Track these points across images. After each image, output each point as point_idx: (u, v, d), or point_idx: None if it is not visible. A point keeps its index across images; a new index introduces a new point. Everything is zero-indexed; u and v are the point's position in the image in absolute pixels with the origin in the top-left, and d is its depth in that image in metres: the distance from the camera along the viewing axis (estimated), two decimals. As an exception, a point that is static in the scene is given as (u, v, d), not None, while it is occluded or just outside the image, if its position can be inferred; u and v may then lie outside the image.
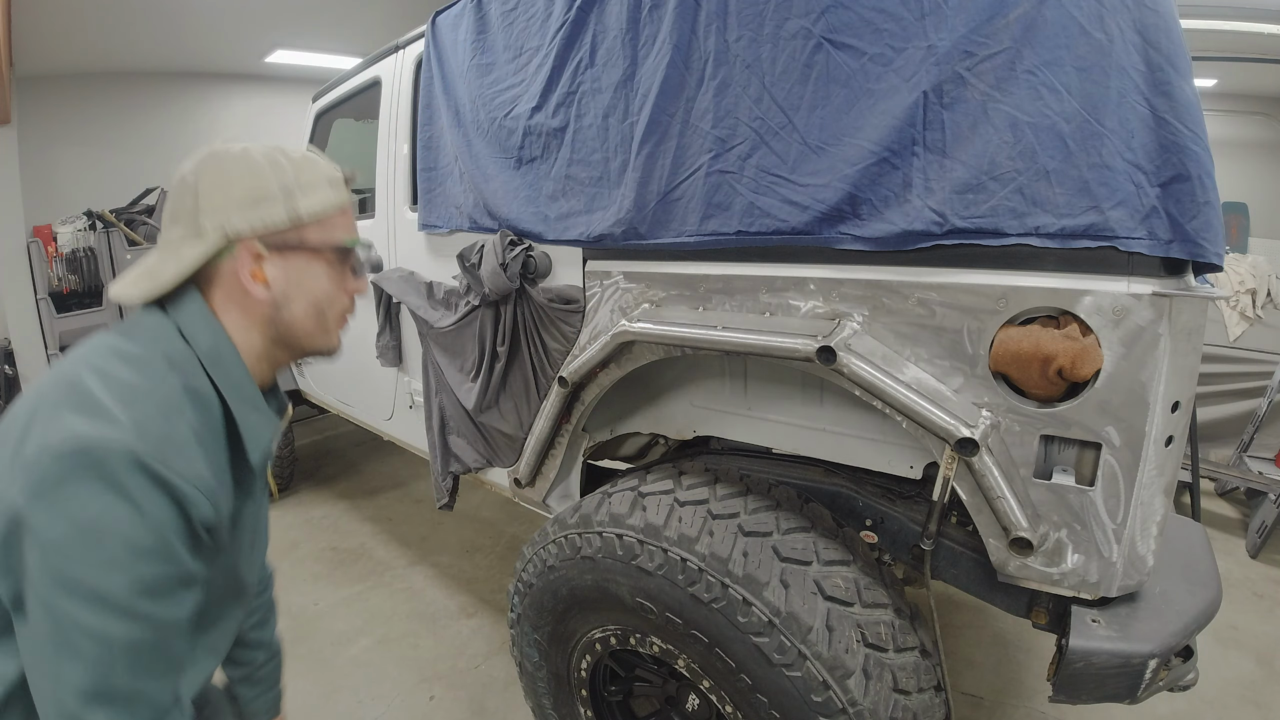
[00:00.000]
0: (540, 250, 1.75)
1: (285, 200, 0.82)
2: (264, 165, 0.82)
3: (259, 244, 0.82)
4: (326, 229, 0.86)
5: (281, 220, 0.82)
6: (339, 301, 0.91)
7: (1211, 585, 1.29)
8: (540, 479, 1.92)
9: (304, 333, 0.89)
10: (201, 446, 0.76)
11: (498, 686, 2.34)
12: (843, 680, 1.17)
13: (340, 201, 0.88)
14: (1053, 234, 1.00)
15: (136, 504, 0.67)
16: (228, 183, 0.80)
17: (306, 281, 0.86)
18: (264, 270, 0.83)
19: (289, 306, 0.86)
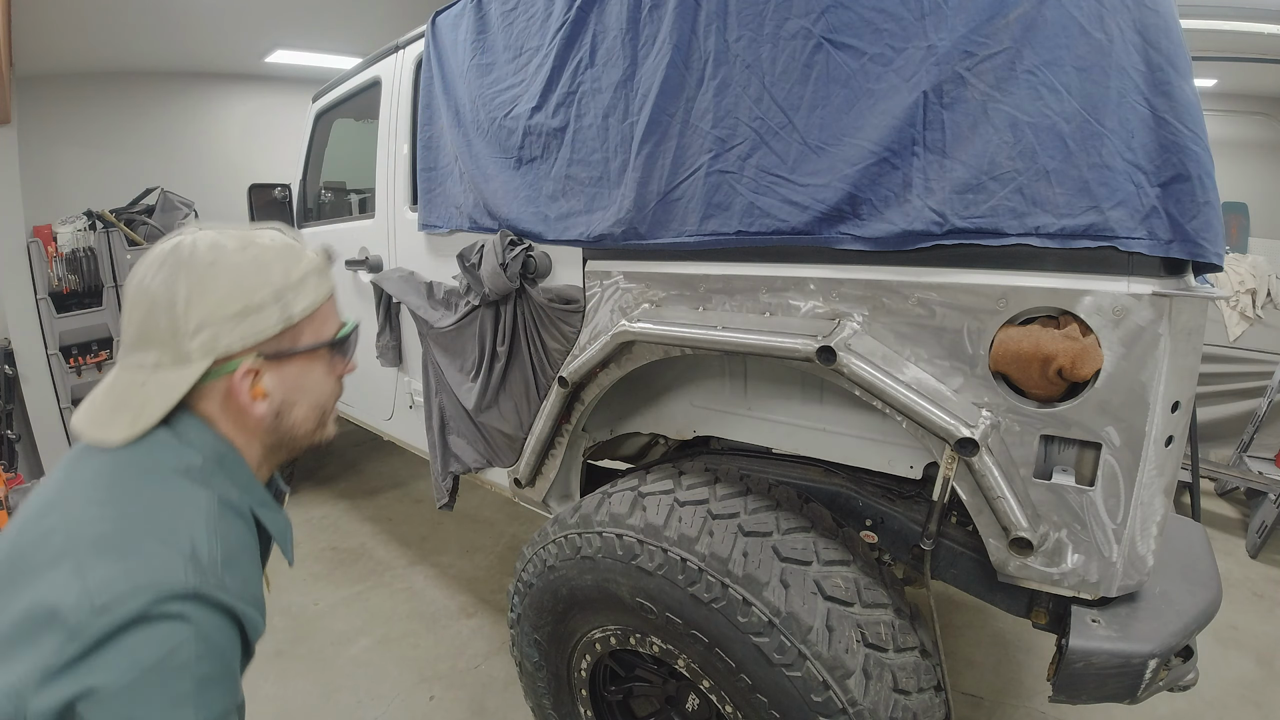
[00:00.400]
0: (540, 250, 1.75)
1: (278, 306, 0.75)
2: (248, 269, 0.73)
3: (256, 360, 0.75)
4: (319, 325, 0.81)
5: (275, 328, 0.75)
6: (335, 392, 0.87)
7: (1211, 585, 1.29)
8: (540, 479, 1.92)
9: (304, 433, 0.85)
10: (248, 554, 0.74)
11: (498, 686, 2.34)
12: (843, 680, 1.17)
13: (328, 290, 0.82)
14: (1053, 234, 1.00)
15: (201, 636, 0.64)
16: (210, 297, 0.71)
17: (305, 384, 0.81)
18: (262, 385, 0.77)
19: (290, 413, 0.81)
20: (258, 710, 2.31)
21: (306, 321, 0.78)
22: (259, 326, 0.74)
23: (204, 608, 0.65)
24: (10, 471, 3.78)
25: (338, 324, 0.85)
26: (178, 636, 0.63)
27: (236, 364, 0.74)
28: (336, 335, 0.83)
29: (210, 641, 0.65)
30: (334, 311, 0.85)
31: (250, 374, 0.75)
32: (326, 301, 0.82)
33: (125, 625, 0.61)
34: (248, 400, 0.76)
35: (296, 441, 0.84)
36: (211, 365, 0.73)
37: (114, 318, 4.29)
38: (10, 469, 3.88)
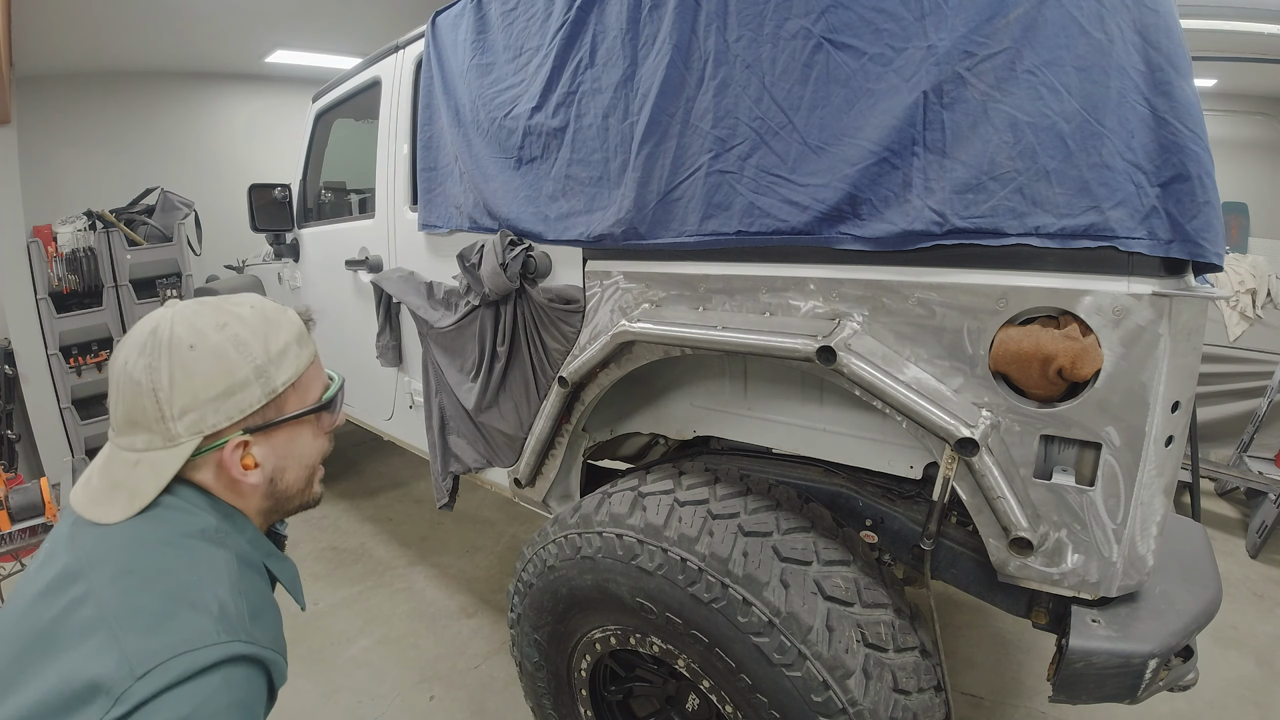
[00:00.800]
0: (540, 250, 1.75)
1: (261, 382, 0.77)
2: (228, 349, 0.75)
3: (241, 432, 0.77)
4: (303, 391, 0.82)
5: (259, 402, 0.77)
6: (321, 451, 0.89)
7: (1211, 585, 1.29)
8: (540, 479, 1.92)
9: (297, 493, 0.87)
10: (270, 606, 0.77)
11: (498, 686, 2.34)
12: (843, 680, 1.17)
13: (312, 354, 0.83)
14: (1053, 234, 1.00)
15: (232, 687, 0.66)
16: (193, 381, 0.73)
17: (294, 449, 0.84)
18: (252, 457, 0.79)
19: (283, 478, 0.83)
20: (258, 710, 2.31)
21: (291, 390, 0.80)
22: (243, 403, 0.76)
23: (236, 663, 0.67)
24: (10, 471, 3.78)
25: (323, 385, 0.86)
26: (210, 691, 0.65)
27: (225, 440, 0.77)
28: (322, 398, 0.85)
29: (241, 691, 0.67)
30: (318, 374, 0.86)
31: (240, 447, 0.78)
32: (310, 367, 0.83)
33: (167, 688, 0.63)
34: (240, 472, 0.78)
35: (290, 502, 0.87)
36: (200, 444, 0.75)
37: (114, 318, 4.28)
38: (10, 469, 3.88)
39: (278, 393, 0.78)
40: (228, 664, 0.66)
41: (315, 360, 0.86)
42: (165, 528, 0.73)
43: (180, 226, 4.54)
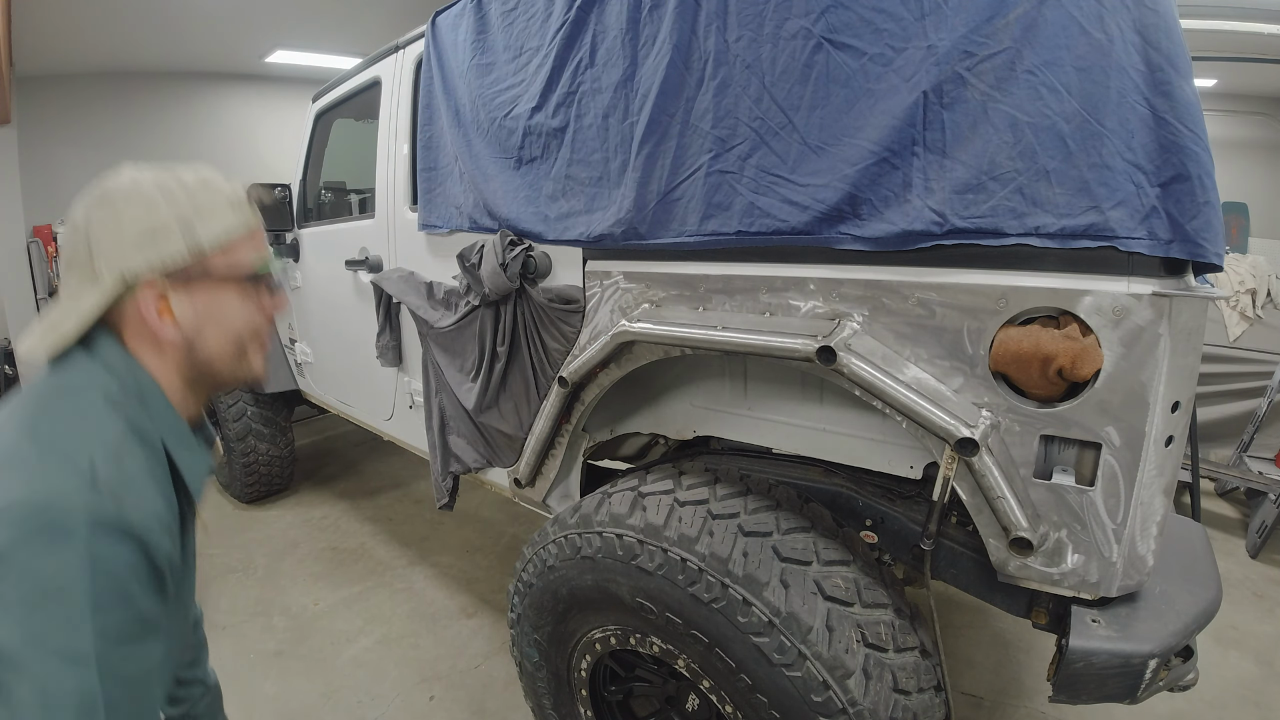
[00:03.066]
0: (540, 250, 1.75)
1: (183, 232, 0.77)
2: (156, 196, 0.77)
3: (162, 282, 0.77)
4: (232, 256, 0.82)
5: (182, 254, 0.77)
6: (253, 324, 0.87)
7: (1211, 585, 1.29)
8: (540, 479, 1.92)
9: (224, 366, 0.85)
10: (155, 482, 0.75)
11: (498, 686, 2.34)
12: (843, 680, 1.17)
13: (244, 224, 0.83)
14: (1053, 234, 1.00)
15: (96, 559, 0.65)
16: (118, 221, 0.75)
17: (218, 314, 0.82)
18: (172, 308, 0.78)
19: (204, 342, 0.82)
20: (258, 710, 2.31)
21: (220, 253, 0.81)
22: (165, 252, 0.77)
23: (100, 528, 0.66)
24: (10, 471, 3.78)
25: (258, 261, 0.85)
26: (73, 558, 0.64)
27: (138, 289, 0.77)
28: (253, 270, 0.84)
29: (105, 562, 0.66)
30: (255, 247, 0.86)
31: (157, 296, 0.78)
32: (243, 236, 0.83)
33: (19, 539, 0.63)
34: (156, 321, 0.78)
35: (217, 374, 0.85)
36: (122, 289, 0.76)
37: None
38: (10, 469, 3.88)
39: (202, 250, 0.79)
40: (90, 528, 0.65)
41: (253, 234, 0.85)
42: (68, 382, 0.75)
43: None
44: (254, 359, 0.90)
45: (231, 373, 0.87)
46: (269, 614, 2.88)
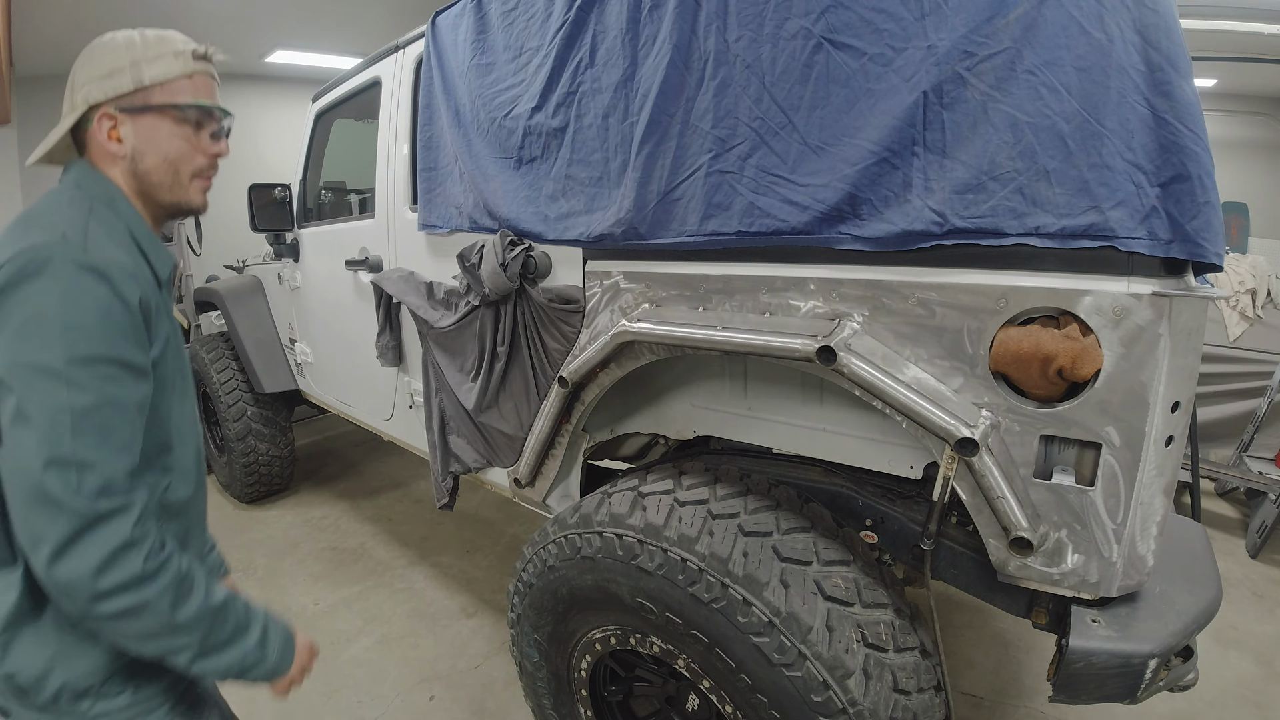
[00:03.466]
0: (540, 250, 1.75)
1: (132, 71, 0.95)
2: (120, 45, 0.96)
3: (111, 108, 0.95)
4: (170, 92, 0.97)
5: (128, 87, 0.95)
6: (193, 160, 1.02)
7: (1211, 585, 1.29)
8: (540, 479, 1.92)
9: (160, 185, 1.00)
10: (118, 244, 0.90)
11: (498, 686, 2.34)
12: (843, 680, 1.17)
13: (184, 69, 0.98)
14: (1053, 234, 1.00)
15: (66, 289, 0.80)
16: (90, 63, 0.97)
17: (156, 139, 0.98)
18: (118, 130, 0.96)
19: (143, 160, 0.98)
20: (258, 710, 2.31)
21: (158, 88, 0.97)
22: (117, 86, 0.95)
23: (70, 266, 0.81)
24: (10, 471, 3.78)
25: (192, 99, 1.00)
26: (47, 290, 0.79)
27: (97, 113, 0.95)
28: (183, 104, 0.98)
29: (74, 294, 0.80)
30: (194, 89, 1.00)
31: (106, 118, 0.95)
32: (182, 78, 0.98)
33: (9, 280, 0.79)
34: (104, 139, 0.96)
35: (156, 192, 1.01)
36: (86, 111, 0.95)
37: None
38: (10, 469, 3.88)
39: (144, 84, 0.95)
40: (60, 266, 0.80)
41: (197, 79, 1.00)
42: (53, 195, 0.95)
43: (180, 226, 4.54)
44: (191, 189, 1.04)
45: (169, 194, 1.02)
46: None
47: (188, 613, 0.86)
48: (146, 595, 0.82)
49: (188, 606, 0.86)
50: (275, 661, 0.98)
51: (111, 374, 0.82)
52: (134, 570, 0.80)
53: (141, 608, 0.82)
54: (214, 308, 4.08)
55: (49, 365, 0.78)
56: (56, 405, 0.78)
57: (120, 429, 0.83)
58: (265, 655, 0.97)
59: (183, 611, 0.85)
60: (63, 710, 0.91)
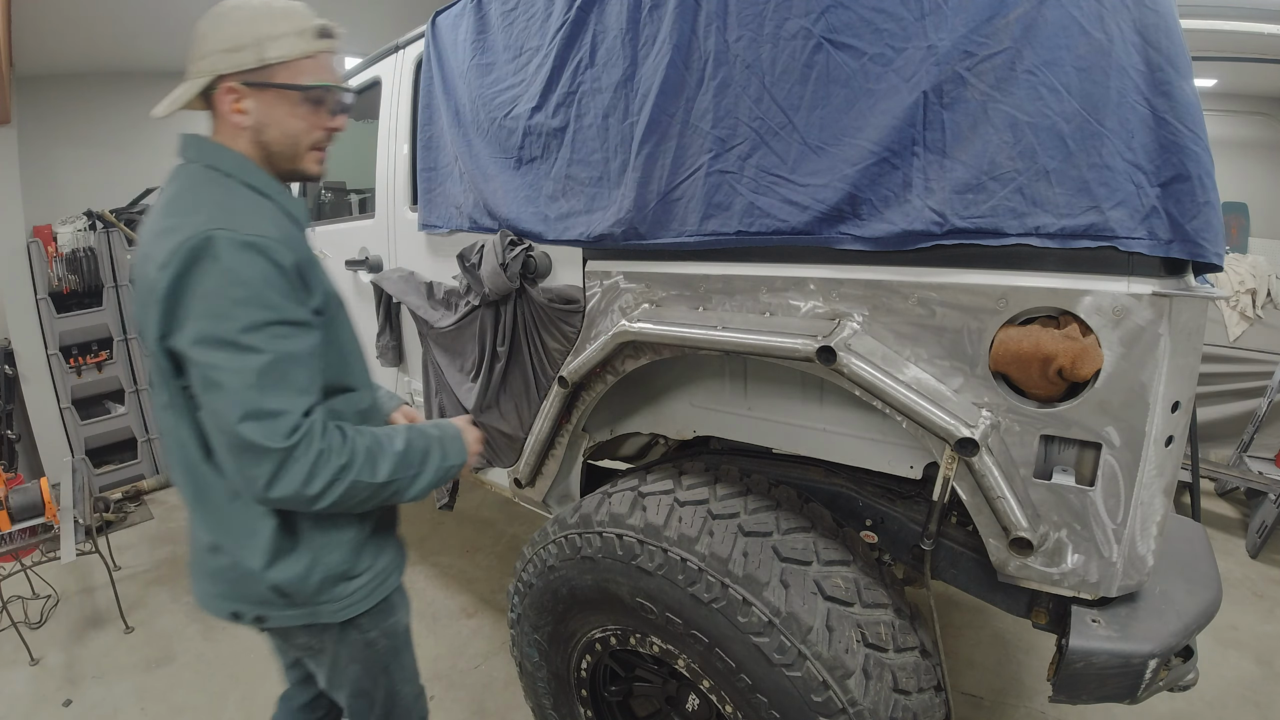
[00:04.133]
0: (540, 250, 1.75)
1: (256, 48, 1.00)
2: (245, 18, 1.01)
3: (236, 82, 1.02)
4: (293, 72, 1.04)
5: (251, 64, 1.01)
6: (311, 134, 1.10)
7: (1211, 585, 1.29)
8: (540, 479, 1.92)
9: (281, 155, 1.09)
10: (267, 217, 1.00)
11: (498, 686, 2.34)
12: (843, 680, 1.17)
13: (306, 49, 1.04)
14: (1053, 234, 1.00)
15: (229, 268, 0.91)
16: (217, 32, 1.01)
17: (277, 114, 1.05)
18: (241, 104, 1.03)
19: (266, 132, 1.06)
20: (258, 711, 2.31)
21: (282, 67, 1.02)
22: (240, 61, 1.00)
23: (228, 246, 0.91)
24: (10, 471, 3.78)
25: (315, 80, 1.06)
26: (213, 271, 0.91)
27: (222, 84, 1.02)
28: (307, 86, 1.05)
29: (237, 272, 0.91)
30: (316, 70, 1.06)
31: (231, 92, 1.02)
32: (305, 59, 1.04)
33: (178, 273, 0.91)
34: (229, 110, 1.03)
35: (276, 160, 1.09)
36: (210, 81, 1.02)
37: (114, 318, 4.28)
38: (10, 469, 3.88)
39: (267, 62, 1.01)
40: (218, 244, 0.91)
41: (319, 58, 1.06)
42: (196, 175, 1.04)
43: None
44: (308, 159, 1.13)
45: (289, 164, 1.11)
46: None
47: (384, 472, 1.05)
48: (348, 479, 1.00)
49: (382, 469, 1.05)
50: (456, 459, 1.20)
51: (281, 333, 0.95)
52: (331, 472, 0.98)
53: (350, 489, 1.01)
54: (214, 308, 4.07)
55: (227, 337, 0.91)
56: (241, 369, 0.91)
57: (297, 376, 0.97)
58: (449, 461, 1.19)
59: (380, 474, 1.05)
60: (323, 598, 1.14)
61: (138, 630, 2.83)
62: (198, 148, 1.06)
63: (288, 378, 0.95)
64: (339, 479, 0.99)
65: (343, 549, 1.14)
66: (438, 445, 1.17)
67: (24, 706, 2.41)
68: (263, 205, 1.03)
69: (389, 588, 1.25)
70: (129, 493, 4.19)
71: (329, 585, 1.14)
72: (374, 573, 1.21)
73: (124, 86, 5.05)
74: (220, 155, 1.05)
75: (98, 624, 2.88)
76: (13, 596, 2.88)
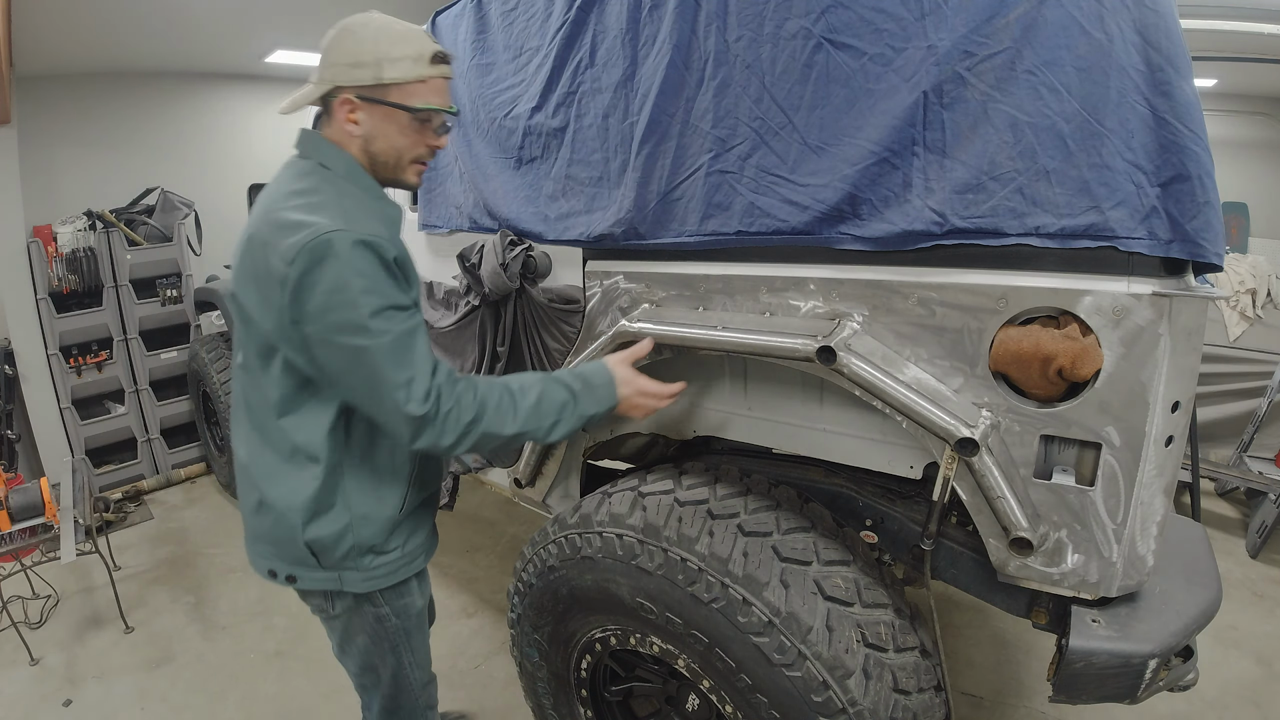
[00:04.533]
0: (540, 250, 1.75)
1: (375, 68, 1.11)
2: (369, 37, 1.11)
3: (353, 95, 1.12)
4: (405, 94, 1.13)
5: (368, 81, 1.11)
6: (415, 150, 1.20)
7: (1211, 585, 1.29)
8: (540, 479, 1.92)
9: (385, 165, 1.20)
10: (374, 218, 1.12)
11: (498, 686, 2.34)
12: (843, 680, 1.17)
13: (420, 74, 1.13)
14: (1053, 234, 1.00)
15: (349, 263, 1.03)
16: (342, 45, 1.12)
17: (386, 129, 1.16)
18: (356, 116, 1.14)
19: (374, 143, 1.17)
20: (258, 711, 2.31)
21: (395, 87, 1.12)
22: (359, 77, 1.11)
23: (349, 245, 1.03)
24: (10, 471, 3.78)
25: (434, 103, 1.16)
26: (339, 267, 1.02)
27: (342, 95, 1.13)
28: (415, 107, 1.14)
29: (363, 269, 1.04)
30: (426, 93, 1.15)
31: (347, 104, 1.13)
32: (418, 83, 1.14)
33: (306, 269, 1.02)
34: (344, 120, 1.15)
35: (380, 169, 1.20)
36: (329, 89, 1.13)
37: (114, 318, 4.28)
38: (10, 469, 3.88)
39: (383, 81, 1.11)
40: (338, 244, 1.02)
41: (431, 82, 1.16)
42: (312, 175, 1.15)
43: (180, 226, 4.54)
44: (409, 171, 1.23)
45: (391, 174, 1.22)
46: (269, 614, 2.88)
47: (513, 427, 1.17)
48: (477, 432, 1.13)
49: (510, 424, 1.16)
50: (598, 408, 1.26)
51: (396, 315, 1.07)
52: (463, 424, 1.11)
53: (482, 438, 1.14)
54: (214, 308, 4.08)
55: (357, 323, 1.04)
56: (374, 348, 1.05)
57: (417, 347, 1.09)
58: (588, 410, 1.25)
59: (508, 428, 1.16)
60: (349, 565, 1.24)
61: (138, 630, 2.82)
62: (315, 146, 1.17)
63: (410, 350, 1.08)
64: (468, 433, 1.13)
65: (378, 525, 1.25)
66: (575, 399, 1.24)
67: (24, 706, 2.41)
68: (370, 206, 1.15)
69: (413, 570, 1.33)
70: (129, 493, 4.19)
71: (357, 554, 1.24)
72: (403, 553, 1.30)
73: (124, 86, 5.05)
74: (333, 156, 1.16)
75: (98, 624, 2.87)
76: (13, 596, 2.88)
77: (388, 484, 1.25)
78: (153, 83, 5.16)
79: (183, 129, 5.40)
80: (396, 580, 1.30)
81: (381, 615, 1.33)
